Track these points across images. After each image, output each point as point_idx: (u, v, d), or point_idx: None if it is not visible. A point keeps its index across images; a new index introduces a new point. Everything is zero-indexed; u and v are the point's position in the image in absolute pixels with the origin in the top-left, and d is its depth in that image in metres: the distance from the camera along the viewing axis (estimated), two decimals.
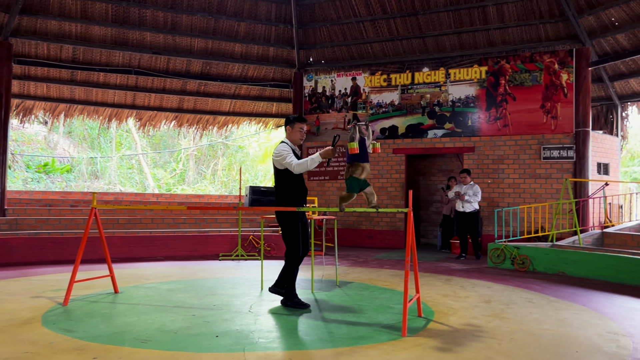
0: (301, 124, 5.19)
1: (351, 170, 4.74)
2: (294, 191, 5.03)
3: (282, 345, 3.82)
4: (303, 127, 5.21)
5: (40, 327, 4.23)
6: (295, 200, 5.02)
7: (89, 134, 21.87)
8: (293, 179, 5.01)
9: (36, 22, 10.48)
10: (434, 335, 4.12)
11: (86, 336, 3.97)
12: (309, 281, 6.55)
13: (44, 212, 10.17)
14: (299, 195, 5.05)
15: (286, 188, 5.03)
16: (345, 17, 11.78)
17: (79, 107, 12.22)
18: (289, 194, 5.02)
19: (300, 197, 5.08)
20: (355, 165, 4.74)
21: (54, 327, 4.21)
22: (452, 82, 11.07)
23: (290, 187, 5.02)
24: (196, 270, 7.62)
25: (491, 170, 10.63)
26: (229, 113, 13.35)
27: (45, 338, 3.91)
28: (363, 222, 11.68)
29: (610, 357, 3.62)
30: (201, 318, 4.60)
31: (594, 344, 3.93)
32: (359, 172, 4.74)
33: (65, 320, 4.46)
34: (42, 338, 3.91)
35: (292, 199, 5.01)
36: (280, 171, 5.04)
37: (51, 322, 4.40)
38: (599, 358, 3.59)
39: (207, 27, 11.71)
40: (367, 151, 4.79)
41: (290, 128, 5.17)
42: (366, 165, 4.78)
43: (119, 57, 11.53)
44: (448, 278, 7.11)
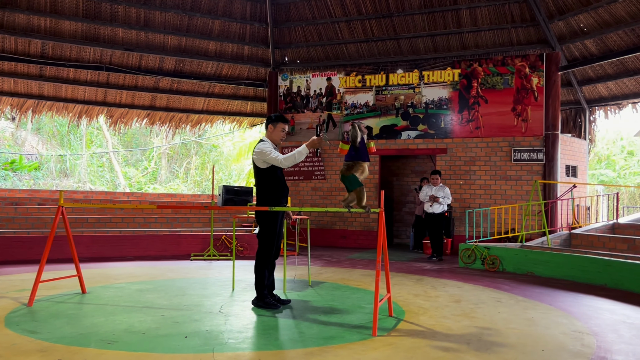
0: (284, 124, 5.13)
1: (354, 169, 4.69)
2: (275, 190, 4.98)
3: (251, 345, 3.79)
4: (285, 128, 5.15)
5: (2, 328, 4.11)
6: (276, 199, 4.97)
7: (58, 131, 21.39)
8: (274, 178, 4.96)
9: (3, 15, 10.21)
10: (405, 334, 4.15)
11: (51, 337, 3.87)
12: (281, 281, 6.52)
13: (10, 211, 9.90)
14: (279, 194, 5.01)
15: (267, 187, 4.98)
16: (320, 17, 11.78)
17: (48, 104, 11.95)
18: (269, 192, 4.98)
19: (281, 196, 5.04)
20: (357, 164, 4.69)
21: (17, 329, 4.10)
22: (425, 84, 11.17)
23: (271, 185, 4.98)
24: (167, 271, 7.52)
25: (463, 172, 10.77)
26: (202, 111, 13.22)
27: (8, 339, 3.80)
28: (337, 223, 11.70)
29: (575, 355, 3.69)
30: (170, 319, 4.53)
31: (560, 342, 4.00)
32: (360, 172, 4.70)
33: (29, 321, 4.35)
34: (4, 339, 3.80)
35: (273, 198, 4.97)
36: (261, 170, 4.98)
37: (14, 323, 4.27)
38: (564, 356, 3.66)
39: (180, 24, 11.57)
40: (367, 150, 4.75)
41: (272, 127, 5.10)
42: (366, 164, 4.73)
43: (90, 53, 11.31)
44: (419, 278, 7.17)
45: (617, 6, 9.46)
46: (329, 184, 11.75)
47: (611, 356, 3.69)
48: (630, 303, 5.65)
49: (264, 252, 5.01)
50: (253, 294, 5.58)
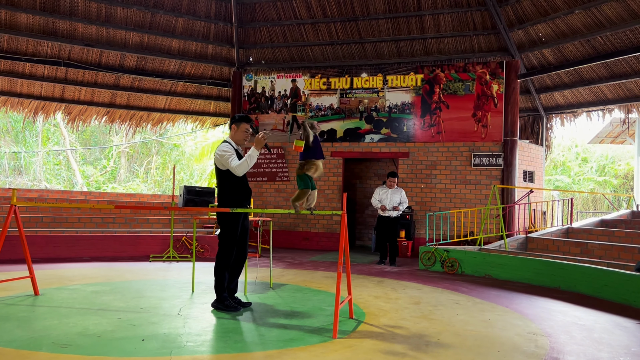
0: (247, 124, 5.08)
1: (305, 167, 4.69)
2: (236, 192, 4.95)
3: (210, 348, 3.74)
4: (248, 128, 5.10)
5: None
6: (237, 201, 4.94)
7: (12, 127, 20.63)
8: (235, 179, 4.93)
9: None
10: (364, 336, 4.17)
11: (0, 341, 3.72)
12: (242, 283, 6.47)
13: None
14: (241, 196, 4.97)
15: (228, 188, 4.94)
16: (286, 18, 11.76)
17: (2, 99, 11.52)
18: (230, 194, 4.94)
19: (243, 198, 5.00)
20: (309, 163, 4.70)
21: None
22: (389, 88, 11.30)
23: (232, 187, 4.94)
24: (124, 272, 7.34)
25: (424, 176, 10.94)
26: (164, 110, 13.00)
27: None
28: (300, 224, 11.69)
29: (529, 356, 3.79)
30: (127, 321, 4.43)
31: (515, 344, 4.10)
32: (313, 170, 4.71)
33: None
34: None
35: (233, 200, 4.93)
36: (222, 171, 4.95)
37: None
38: (518, 357, 3.75)
39: (143, 20, 11.35)
40: (321, 148, 4.74)
41: (236, 127, 5.05)
42: (320, 163, 4.73)
43: (48, 48, 10.96)
44: (380, 280, 7.23)
45: (573, 17, 9.80)
46: (293, 186, 11.72)
47: (563, 357, 3.81)
48: (582, 305, 5.84)
49: (224, 254, 4.96)
50: (213, 296, 5.51)
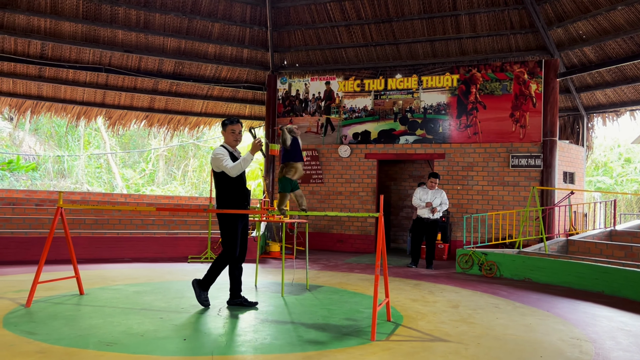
0: (233, 126, 5.15)
1: (285, 170, 4.88)
2: (233, 193, 5.06)
3: (250, 349, 3.79)
4: (235, 129, 5.17)
5: (0, 329, 4.10)
6: (235, 202, 5.05)
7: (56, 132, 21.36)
8: (231, 182, 5.04)
9: (3, 16, 10.21)
10: (403, 339, 4.15)
11: (49, 339, 3.86)
12: (279, 285, 6.53)
13: (7, 211, 9.88)
14: (238, 198, 5.08)
15: (225, 190, 5.07)
16: (320, 22, 11.82)
17: (47, 104, 11.94)
18: (227, 196, 5.06)
19: (240, 199, 5.10)
20: (288, 166, 4.89)
21: (15, 329, 4.09)
22: (424, 89, 11.21)
23: (229, 189, 5.06)
24: (164, 273, 7.50)
25: (461, 177, 10.79)
26: (201, 114, 13.23)
27: (6, 340, 3.79)
28: (334, 227, 11.70)
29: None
30: (169, 321, 4.53)
31: (558, 349, 4.01)
32: (292, 173, 4.90)
33: (27, 322, 4.33)
34: (2, 340, 3.79)
35: (231, 201, 5.05)
36: (218, 174, 5.08)
37: (12, 324, 4.26)
38: None
39: (180, 26, 11.59)
40: (300, 151, 4.93)
41: (224, 131, 5.21)
42: (299, 165, 4.91)
43: (89, 55, 11.31)
44: (417, 283, 7.17)
45: (616, 14, 9.52)
46: (327, 188, 11.76)
47: None
48: (627, 310, 5.66)
49: (227, 253, 5.08)
50: (252, 297, 5.60)
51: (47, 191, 12.83)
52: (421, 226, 8.99)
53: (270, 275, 7.62)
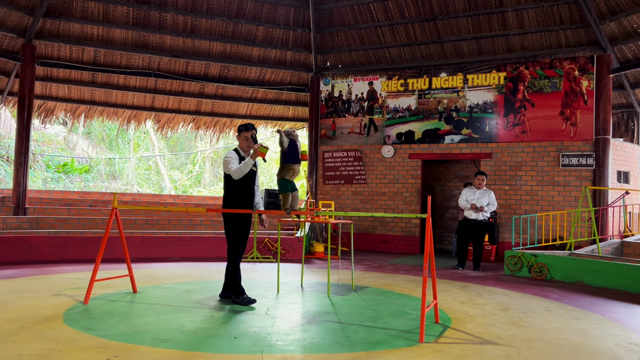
0: (247, 133, 5.39)
1: (283, 172, 5.13)
2: (236, 193, 5.40)
3: (299, 348, 3.84)
4: (248, 135, 5.39)
5: (61, 324, 4.30)
6: (235, 201, 5.39)
7: (107, 135, 22.14)
8: (235, 183, 5.36)
9: (59, 25, 10.67)
10: (452, 342, 4.11)
11: (107, 334, 4.03)
12: (324, 285, 6.57)
13: (64, 212, 10.32)
14: (240, 198, 5.40)
15: (228, 191, 5.45)
16: (363, 22, 11.80)
17: (99, 109, 12.39)
18: (229, 195, 5.44)
19: (243, 199, 5.41)
20: (286, 167, 5.13)
21: (75, 325, 4.28)
22: (470, 87, 11.02)
23: (232, 190, 5.42)
24: (212, 272, 7.67)
25: (508, 177, 10.56)
26: (245, 116, 13.43)
27: (67, 335, 3.97)
28: (377, 227, 11.66)
29: None
30: (219, 319, 4.64)
31: (615, 355, 3.88)
32: (290, 174, 5.12)
33: (86, 319, 4.53)
34: (63, 335, 3.97)
35: (232, 201, 5.40)
36: (226, 175, 5.43)
37: (72, 320, 4.46)
38: None
39: (225, 30, 11.81)
40: (297, 153, 5.15)
41: (238, 136, 5.49)
42: (296, 166, 5.15)
43: (139, 60, 11.68)
44: (464, 285, 7.07)
45: None
46: (370, 189, 11.73)
47: None
48: None
49: (233, 251, 5.38)
50: (299, 296, 5.67)
51: (99, 192, 13.32)
52: (467, 227, 8.85)
53: (316, 275, 7.67)
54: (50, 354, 3.51)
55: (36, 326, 4.22)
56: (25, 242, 8.39)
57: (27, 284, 6.22)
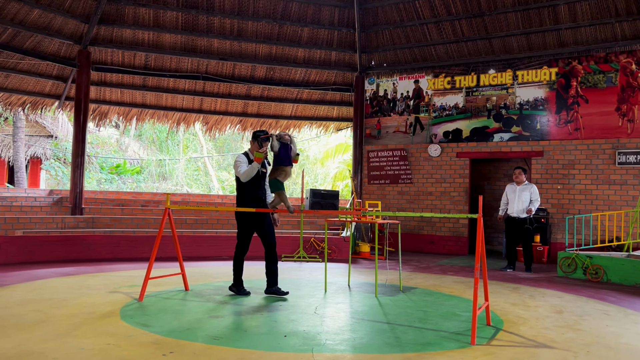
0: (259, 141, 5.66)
1: (276, 173, 5.43)
2: (245, 194, 5.73)
3: (349, 347, 3.84)
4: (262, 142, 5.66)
5: (119, 320, 4.47)
6: (245, 201, 5.71)
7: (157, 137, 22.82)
8: (244, 185, 5.71)
9: (112, 31, 11.07)
10: (505, 344, 4.02)
11: (161, 331, 4.15)
12: (371, 285, 6.56)
13: (117, 211, 10.70)
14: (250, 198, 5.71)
15: (239, 191, 5.79)
16: (408, 20, 11.69)
17: (150, 112, 12.77)
18: (240, 196, 5.77)
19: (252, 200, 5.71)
20: (279, 169, 5.42)
21: (132, 321, 4.43)
22: (519, 84, 10.74)
23: (242, 191, 5.75)
24: (260, 271, 7.73)
25: (561, 176, 10.22)
26: (290, 117, 13.54)
27: (124, 331, 4.12)
28: (424, 227, 11.52)
29: None
30: (269, 317, 4.70)
31: None
32: (282, 176, 5.42)
33: (141, 315, 4.69)
34: (121, 331, 4.12)
35: (243, 201, 5.72)
36: (237, 177, 5.76)
37: (129, 316, 4.63)
38: None
39: (271, 32, 11.95)
40: (289, 156, 5.45)
41: (253, 141, 5.75)
42: (288, 168, 5.43)
43: (188, 63, 11.97)
44: (516, 286, 6.89)
45: None
46: (416, 188, 11.60)
47: None
48: None
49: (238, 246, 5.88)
50: (346, 296, 5.68)
51: (151, 193, 13.73)
52: (512, 225, 8.63)
53: (362, 275, 7.66)
54: (110, 349, 3.65)
55: (95, 322, 4.40)
56: (83, 240, 8.75)
57: (85, 281, 6.49)
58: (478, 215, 4.34)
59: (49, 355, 3.47)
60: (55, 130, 19.04)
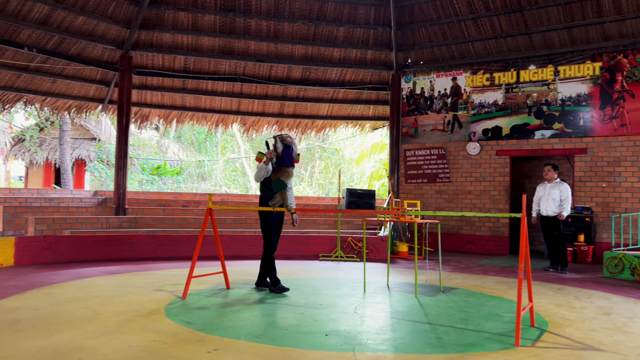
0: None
1: (279, 174, 5.62)
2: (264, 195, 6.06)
3: (391, 347, 3.84)
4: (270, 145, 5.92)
5: (164, 318, 4.58)
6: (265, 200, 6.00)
7: (196, 139, 23.25)
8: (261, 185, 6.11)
9: (153, 36, 11.34)
10: (550, 346, 3.94)
11: (205, 328, 4.24)
12: (410, 285, 6.52)
13: (159, 212, 10.96)
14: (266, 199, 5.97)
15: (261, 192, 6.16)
16: (445, 17, 11.54)
17: (189, 114, 13.02)
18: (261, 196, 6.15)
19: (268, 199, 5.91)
20: (281, 170, 5.62)
21: (176, 319, 4.54)
22: (561, 79, 10.46)
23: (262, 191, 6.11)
24: (298, 270, 7.84)
25: (606, 174, 9.91)
26: (326, 117, 13.57)
27: (169, 329, 4.23)
28: (463, 227, 11.36)
29: None
30: (309, 316, 4.74)
31: None
32: (285, 176, 5.61)
33: (185, 313, 4.79)
34: (166, 328, 4.23)
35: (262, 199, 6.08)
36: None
37: (173, 314, 4.74)
38: None
39: (307, 33, 12.00)
40: (292, 157, 5.66)
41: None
42: (290, 169, 5.66)
43: (226, 66, 12.15)
44: (560, 287, 6.73)
45: None
46: (455, 187, 11.45)
47: None
48: None
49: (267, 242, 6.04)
50: (386, 296, 5.67)
51: (191, 193, 14.00)
52: (545, 224, 8.40)
53: (401, 275, 7.61)
54: (156, 346, 3.75)
55: (141, 319, 4.52)
56: (127, 240, 9.00)
57: (130, 279, 6.68)
58: (522, 214, 4.26)
59: (99, 351, 3.59)
60: (99, 133, 19.65)
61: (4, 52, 9.91)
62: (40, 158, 19.09)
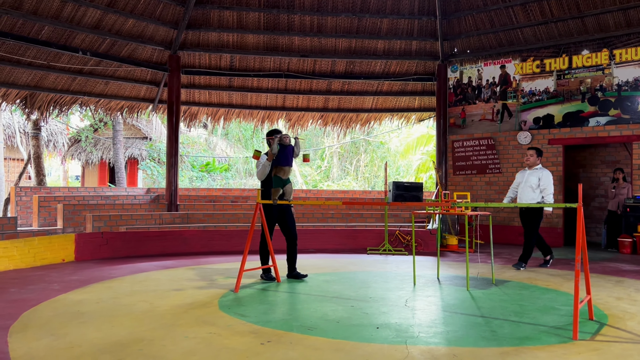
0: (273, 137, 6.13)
1: (275, 170, 6.03)
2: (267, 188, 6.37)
3: (444, 340, 3.80)
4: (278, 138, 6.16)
5: (217, 311, 4.70)
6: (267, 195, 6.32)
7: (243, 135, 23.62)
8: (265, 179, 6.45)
9: (199, 35, 11.58)
10: (610, 340, 3.81)
11: (258, 321, 4.32)
12: (462, 278, 6.43)
13: (209, 207, 11.21)
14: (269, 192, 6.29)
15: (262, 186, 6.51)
16: (492, 4, 11.24)
17: (236, 111, 13.23)
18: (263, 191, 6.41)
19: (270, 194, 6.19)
20: (277, 168, 6.02)
21: (229, 312, 4.65)
22: (617, 63, 10.01)
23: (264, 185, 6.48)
24: (347, 263, 7.86)
25: None
26: (371, 110, 13.49)
27: (223, 321, 4.33)
28: (515, 219, 11.07)
29: None
30: (360, 309, 4.75)
31: None
32: (282, 174, 6.01)
33: (238, 306, 4.90)
34: (220, 321, 4.34)
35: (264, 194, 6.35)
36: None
37: (226, 307, 4.86)
38: None
39: (350, 26, 11.96)
40: (291, 157, 6.06)
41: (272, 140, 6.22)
42: (286, 168, 6.04)
43: (270, 62, 12.26)
44: (619, 279, 6.48)
45: None
46: (505, 178, 11.17)
47: None
48: None
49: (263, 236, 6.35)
50: (436, 289, 5.63)
51: (239, 189, 14.26)
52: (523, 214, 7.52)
53: (451, 268, 7.52)
54: (212, 337, 3.86)
55: (196, 312, 4.66)
56: (180, 235, 9.27)
57: (184, 273, 6.88)
58: (578, 204, 4.13)
59: (157, 342, 3.73)
60: (150, 132, 20.26)
61: (60, 57, 10.34)
62: (96, 158, 19.89)
